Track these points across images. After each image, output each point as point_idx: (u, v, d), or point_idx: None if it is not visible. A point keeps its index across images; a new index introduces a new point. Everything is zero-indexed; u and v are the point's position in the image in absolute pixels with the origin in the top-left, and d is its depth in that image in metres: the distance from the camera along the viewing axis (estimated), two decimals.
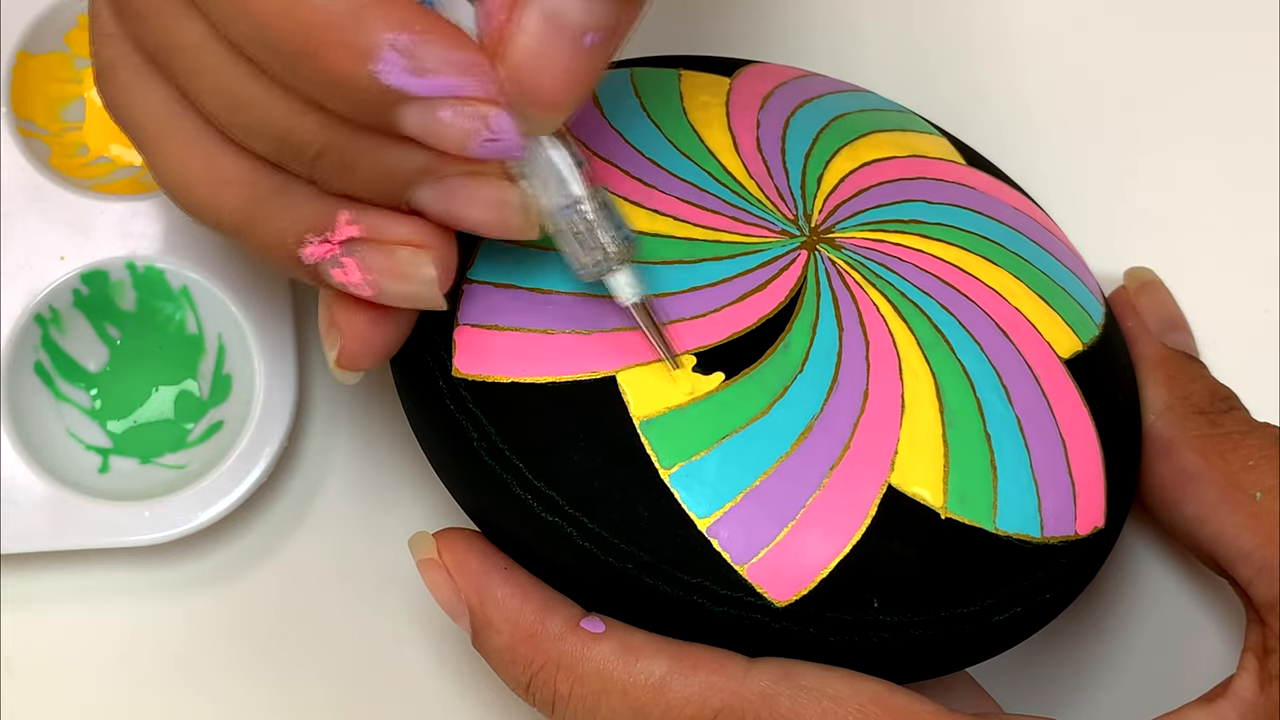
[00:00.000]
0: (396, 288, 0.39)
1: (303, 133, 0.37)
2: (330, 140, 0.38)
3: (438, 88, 0.36)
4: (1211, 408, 0.47)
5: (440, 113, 0.36)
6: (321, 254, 0.39)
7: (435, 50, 0.36)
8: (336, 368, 0.41)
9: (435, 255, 0.39)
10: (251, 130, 0.38)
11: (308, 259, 0.39)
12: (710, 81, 0.47)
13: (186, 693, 0.49)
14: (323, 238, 0.39)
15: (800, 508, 0.40)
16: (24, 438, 0.48)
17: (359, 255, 0.39)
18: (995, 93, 0.56)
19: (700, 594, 0.40)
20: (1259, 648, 0.44)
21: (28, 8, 0.51)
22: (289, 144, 0.38)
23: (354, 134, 0.37)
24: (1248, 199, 0.55)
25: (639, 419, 0.40)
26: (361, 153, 0.38)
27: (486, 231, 0.39)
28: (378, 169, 0.38)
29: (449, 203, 0.38)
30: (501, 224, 0.39)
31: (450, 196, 0.38)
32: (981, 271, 0.45)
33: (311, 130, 0.37)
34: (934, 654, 0.42)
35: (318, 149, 0.38)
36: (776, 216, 0.44)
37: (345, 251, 0.39)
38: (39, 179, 0.50)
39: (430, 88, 0.36)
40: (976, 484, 0.41)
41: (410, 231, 0.39)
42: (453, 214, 0.39)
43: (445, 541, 0.42)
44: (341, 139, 0.37)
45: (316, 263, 0.39)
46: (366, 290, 0.39)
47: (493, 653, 0.41)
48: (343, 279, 0.39)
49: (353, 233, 0.39)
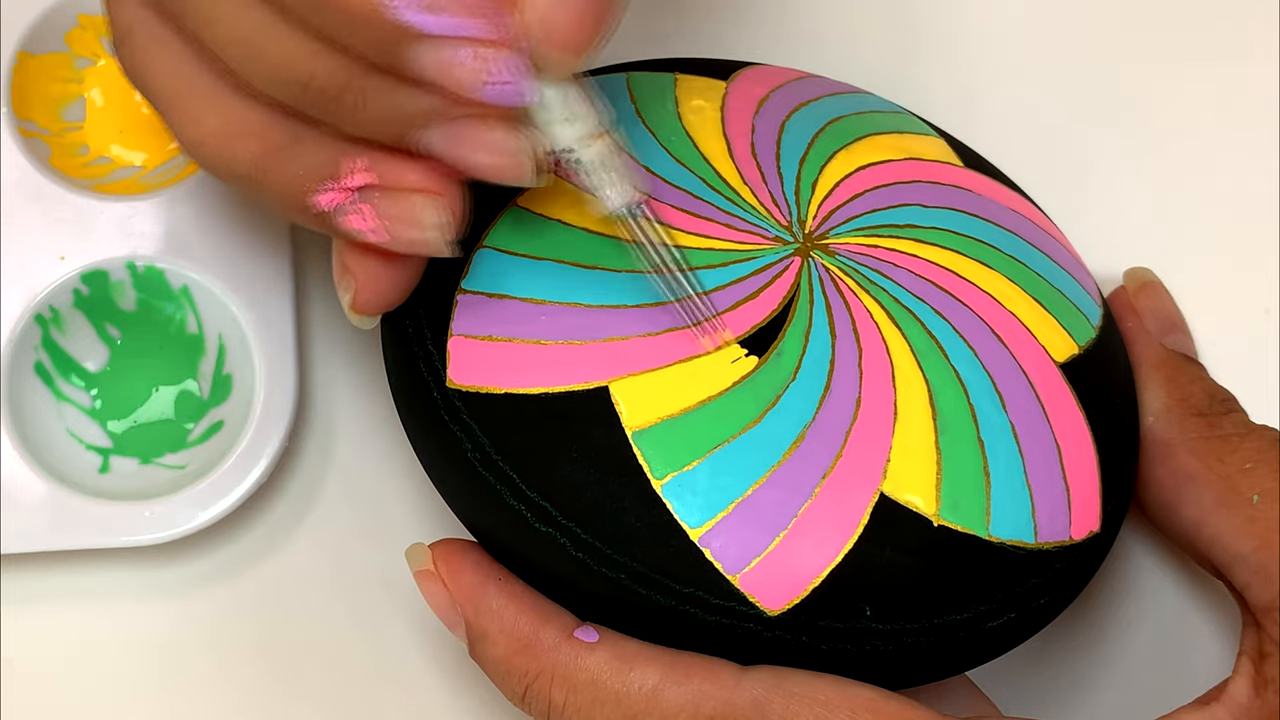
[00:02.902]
0: (407, 233, 0.40)
1: (322, 76, 0.38)
2: (346, 82, 0.38)
3: (449, 26, 0.37)
4: (1210, 410, 0.47)
5: (451, 52, 0.37)
6: (335, 200, 0.40)
7: None
8: (352, 312, 0.42)
9: (446, 202, 0.40)
10: (268, 77, 0.39)
11: (321, 205, 0.40)
12: (706, 85, 0.47)
13: (186, 693, 0.49)
14: (337, 185, 0.40)
15: (792, 517, 0.40)
16: (24, 438, 0.49)
17: (372, 201, 0.40)
18: (995, 93, 0.55)
19: (693, 604, 0.40)
20: (1254, 651, 0.44)
21: (28, 8, 0.51)
22: (307, 87, 0.38)
23: (369, 75, 0.38)
24: (1248, 199, 0.55)
25: (632, 429, 0.41)
26: (376, 93, 0.38)
27: (495, 176, 0.39)
28: (391, 110, 0.38)
29: (457, 146, 0.39)
30: (511, 169, 0.39)
31: (459, 140, 0.39)
32: (977, 276, 0.45)
33: (330, 72, 0.38)
34: (928, 661, 0.42)
35: (335, 91, 0.38)
36: (770, 223, 0.44)
37: (359, 198, 0.40)
38: (39, 179, 0.50)
39: (442, 26, 0.36)
40: (969, 491, 0.41)
41: (422, 178, 0.40)
42: (460, 157, 0.39)
43: (441, 552, 0.42)
44: (359, 79, 0.38)
45: (330, 209, 0.40)
46: (380, 235, 0.40)
47: (489, 663, 0.42)
48: (357, 225, 0.40)
49: (367, 179, 0.40)
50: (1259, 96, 0.55)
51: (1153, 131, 0.55)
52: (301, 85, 0.38)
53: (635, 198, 0.41)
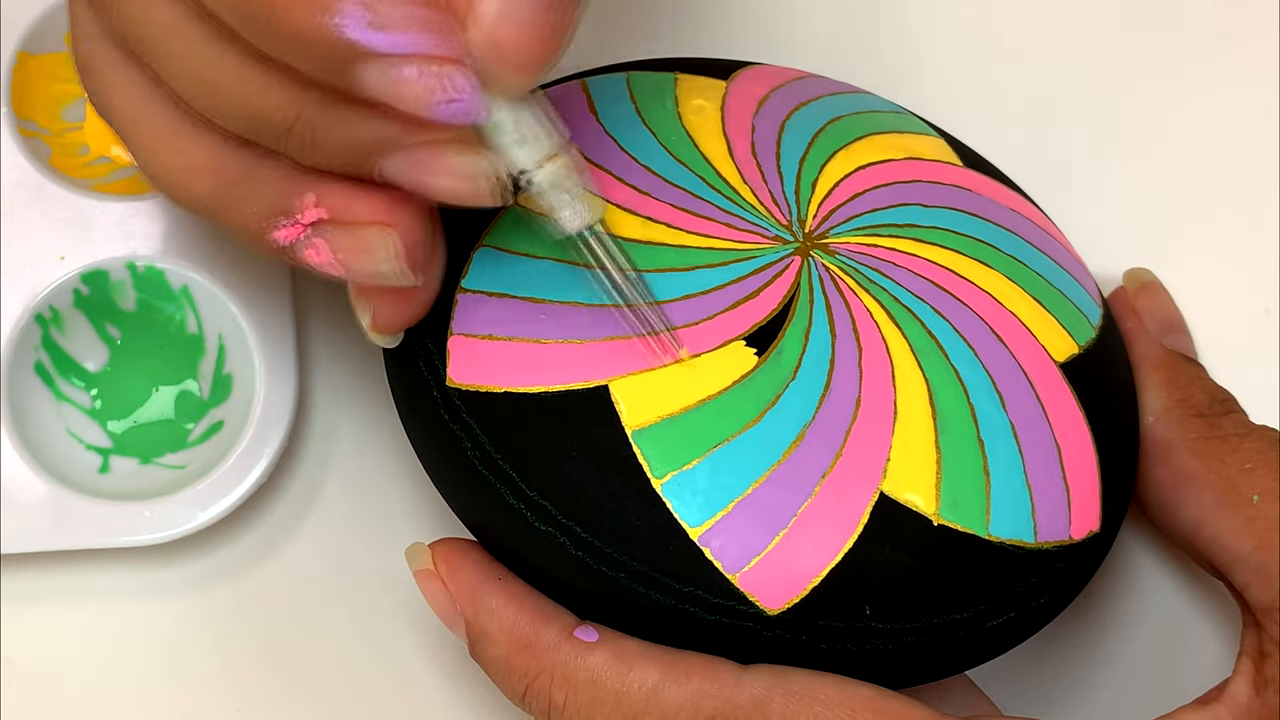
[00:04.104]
0: (364, 266, 0.40)
1: (272, 109, 0.38)
2: (299, 114, 0.38)
3: (398, 44, 0.36)
4: (1210, 410, 0.47)
5: (401, 70, 0.36)
6: (291, 236, 0.40)
7: (397, 6, 0.36)
8: (373, 332, 0.42)
9: (400, 232, 0.40)
10: (223, 111, 0.39)
11: (279, 241, 0.40)
12: (706, 85, 0.47)
13: (186, 693, 0.49)
14: (291, 220, 0.40)
15: (792, 516, 0.40)
16: (24, 438, 0.49)
17: (325, 235, 0.40)
18: (995, 93, 0.56)
19: (692, 603, 0.40)
20: (1254, 651, 0.44)
21: (28, 7, 0.52)
22: (259, 121, 0.38)
23: (322, 105, 0.38)
24: (1248, 199, 0.55)
25: (631, 428, 0.41)
26: (329, 124, 0.38)
27: (458, 200, 0.39)
28: (345, 140, 0.38)
29: (417, 172, 0.38)
30: (471, 192, 0.39)
31: (418, 166, 0.38)
32: (976, 275, 0.45)
33: (280, 105, 0.38)
34: (927, 660, 0.42)
35: (288, 123, 0.38)
36: (770, 222, 0.44)
37: (314, 233, 0.40)
38: (39, 179, 0.50)
39: (391, 44, 0.36)
40: (969, 490, 0.41)
41: (373, 210, 0.39)
42: (423, 183, 0.39)
43: (440, 552, 0.42)
44: (310, 111, 0.38)
45: (289, 244, 0.40)
46: (337, 269, 0.40)
47: (489, 663, 0.42)
48: (314, 259, 0.40)
49: (318, 214, 0.40)
50: (1260, 97, 0.55)
51: (1153, 131, 0.55)
52: (252, 119, 0.38)
53: (590, 220, 0.40)
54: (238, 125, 0.39)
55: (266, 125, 0.38)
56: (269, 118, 0.38)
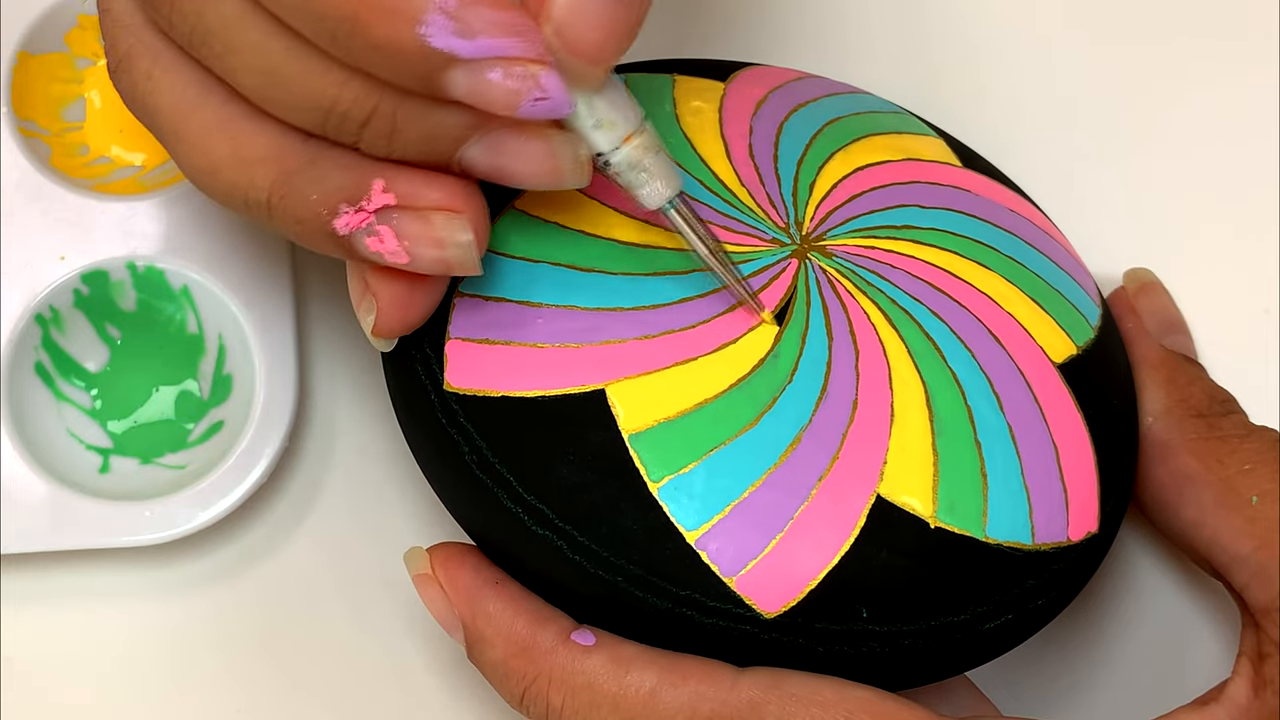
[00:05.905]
0: (431, 253, 0.39)
1: (348, 102, 0.37)
2: (376, 107, 0.37)
3: (485, 49, 0.36)
4: (1209, 411, 0.47)
5: (488, 74, 0.36)
6: (356, 224, 0.39)
7: (481, 11, 0.36)
8: (374, 336, 0.42)
9: (470, 219, 0.39)
10: (292, 104, 0.38)
11: (341, 230, 0.39)
12: (704, 86, 0.47)
13: (186, 693, 0.49)
14: (356, 207, 0.39)
15: (789, 519, 0.40)
16: (24, 438, 0.49)
17: (393, 222, 0.39)
18: (995, 93, 0.55)
19: (689, 606, 0.40)
20: (1253, 652, 0.44)
21: (28, 7, 0.51)
22: (334, 114, 0.38)
23: (400, 99, 0.37)
24: (1248, 200, 0.55)
25: (628, 432, 0.41)
26: (408, 117, 0.38)
27: (539, 183, 0.39)
28: (425, 132, 0.38)
29: (499, 158, 0.38)
30: (554, 174, 0.39)
31: (500, 152, 0.38)
32: (974, 277, 0.44)
33: (357, 99, 0.37)
34: (925, 662, 0.42)
35: (364, 117, 0.38)
36: (768, 225, 0.44)
37: (379, 220, 0.39)
38: (39, 179, 0.50)
39: (477, 49, 0.36)
40: (966, 493, 0.41)
41: (444, 196, 0.39)
42: (504, 169, 0.39)
43: (438, 556, 0.43)
44: (388, 105, 0.37)
45: (350, 233, 0.39)
46: (401, 258, 0.39)
47: (487, 666, 0.42)
48: (377, 248, 0.39)
49: (387, 200, 0.39)
50: (1260, 98, 0.55)
51: (1153, 132, 0.55)
52: (326, 111, 0.38)
53: (669, 195, 0.40)
54: (306, 117, 0.38)
55: (342, 118, 0.38)
56: (345, 111, 0.37)
